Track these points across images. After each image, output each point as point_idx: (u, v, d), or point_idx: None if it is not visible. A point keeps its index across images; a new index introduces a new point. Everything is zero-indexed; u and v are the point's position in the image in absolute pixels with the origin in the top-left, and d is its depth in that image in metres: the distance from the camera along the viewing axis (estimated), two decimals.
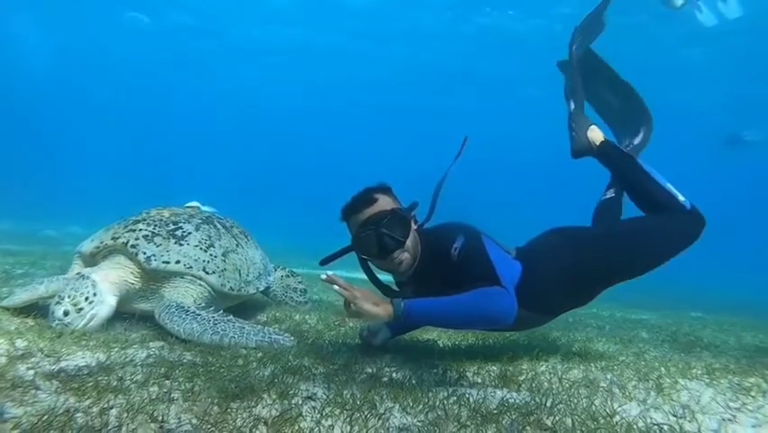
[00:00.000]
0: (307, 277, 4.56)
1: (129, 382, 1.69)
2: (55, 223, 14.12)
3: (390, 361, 2.24)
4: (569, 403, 1.74)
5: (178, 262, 2.84)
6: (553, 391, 1.88)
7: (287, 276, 4.21)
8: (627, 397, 1.91)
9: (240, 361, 2.10)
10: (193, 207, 3.51)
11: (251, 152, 40.81)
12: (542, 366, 2.28)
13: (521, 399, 1.79)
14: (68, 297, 2.44)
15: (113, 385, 1.64)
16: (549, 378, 2.09)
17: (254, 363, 2.07)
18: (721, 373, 2.40)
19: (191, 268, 2.86)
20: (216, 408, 1.49)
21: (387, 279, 2.29)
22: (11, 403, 1.43)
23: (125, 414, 1.40)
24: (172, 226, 3.02)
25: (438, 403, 1.66)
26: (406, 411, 1.59)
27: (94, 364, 1.89)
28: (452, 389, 1.86)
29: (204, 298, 2.89)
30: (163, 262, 2.80)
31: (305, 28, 19.60)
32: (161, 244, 2.87)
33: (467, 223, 2.18)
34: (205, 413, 1.45)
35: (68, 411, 1.37)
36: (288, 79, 24.77)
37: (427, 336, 2.94)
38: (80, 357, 1.99)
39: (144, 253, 2.77)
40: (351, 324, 3.24)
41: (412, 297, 1.89)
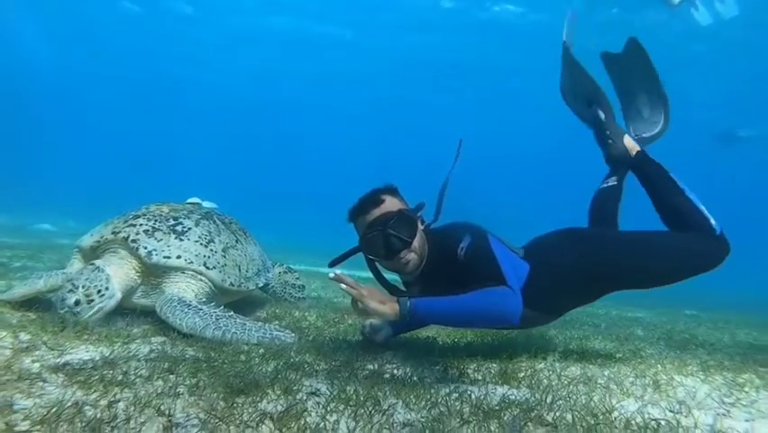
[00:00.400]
0: (305, 273, 4.58)
1: (134, 377, 1.70)
2: (51, 217, 14.05)
3: (391, 358, 2.26)
4: (568, 400, 1.77)
5: (179, 257, 2.84)
6: (553, 388, 1.91)
7: (285, 272, 4.23)
8: (625, 393, 1.94)
9: (242, 357, 2.11)
10: (194, 202, 3.51)
11: (246, 149, 40.68)
12: (540, 364, 2.31)
13: (521, 395, 1.81)
14: (82, 287, 2.45)
15: (118, 379, 1.65)
16: (548, 375, 2.12)
17: (256, 358, 2.09)
18: (716, 370, 2.45)
19: (192, 263, 2.86)
20: (222, 403, 1.51)
21: (394, 278, 2.31)
22: (20, 395, 1.45)
23: (133, 408, 1.41)
24: (172, 222, 3.02)
25: (440, 400, 1.68)
26: (409, 407, 1.61)
27: (98, 358, 1.90)
28: (454, 385, 1.88)
29: (204, 293, 2.90)
30: (164, 257, 2.80)
31: (305, 18, 19.56)
32: (162, 239, 2.87)
33: (473, 223, 2.19)
34: (212, 408, 1.46)
35: (77, 404, 1.39)
36: (285, 71, 24.69)
37: (427, 333, 2.96)
38: (84, 351, 2.00)
39: (145, 248, 2.78)
40: (350, 321, 3.26)
41: (419, 296, 1.91)
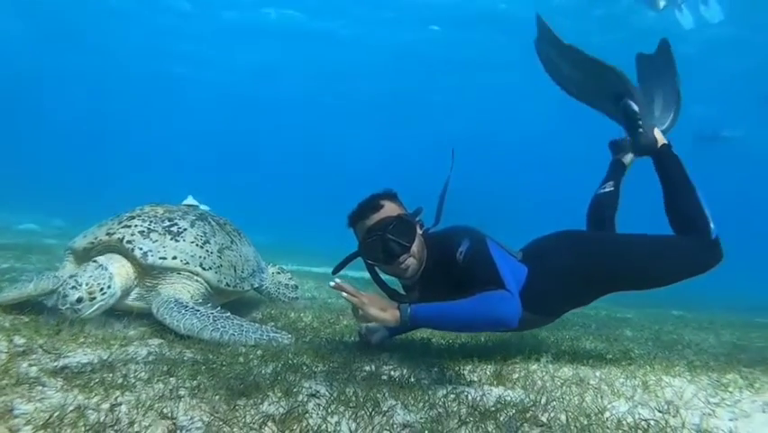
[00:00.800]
0: (297, 274, 4.58)
1: (134, 380, 1.71)
2: (36, 216, 13.80)
3: (388, 359, 2.29)
4: (562, 400, 1.82)
5: (174, 258, 2.84)
6: (547, 389, 1.96)
7: (277, 273, 4.23)
8: (616, 394, 1.99)
9: (240, 358, 2.13)
10: (190, 204, 3.51)
11: (245, 147, 40.44)
12: (534, 365, 2.35)
13: (516, 396, 1.86)
14: (85, 284, 2.44)
15: (118, 382, 1.66)
16: (542, 376, 2.16)
17: (255, 360, 2.11)
18: (702, 371, 2.51)
19: (188, 264, 2.86)
20: (224, 405, 1.52)
21: (393, 282, 2.34)
22: (20, 399, 1.45)
23: (135, 411, 1.42)
24: (167, 223, 3.02)
25: (438, 401, 1.72)
26: (408, 409, 1.64)
27: (96, 362, 1.89)
28: (451, 387, 1.91)
29: (200, 294, 2.90)
30: (160, 258, 2.80)
31: (300, 11, 19.50)
32: (157, 240, 2.86)
33: (472, 227, 2.22)
34: (214, 410, 1.48)
35: (79, 408, 1.39)
36: (279, 67, 24.56)
37: (422, 334, 3.00)
38: (81, 354, 2.00)
39: (141, 249, 2.77)
40: (345, 321, 3.29)
41: (418, 301, 1.93)
